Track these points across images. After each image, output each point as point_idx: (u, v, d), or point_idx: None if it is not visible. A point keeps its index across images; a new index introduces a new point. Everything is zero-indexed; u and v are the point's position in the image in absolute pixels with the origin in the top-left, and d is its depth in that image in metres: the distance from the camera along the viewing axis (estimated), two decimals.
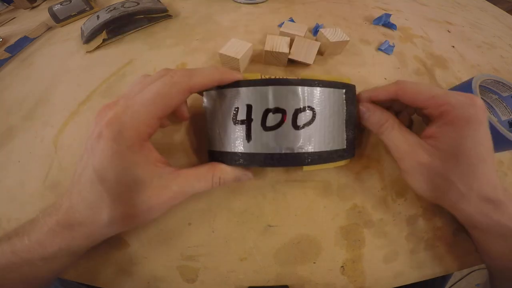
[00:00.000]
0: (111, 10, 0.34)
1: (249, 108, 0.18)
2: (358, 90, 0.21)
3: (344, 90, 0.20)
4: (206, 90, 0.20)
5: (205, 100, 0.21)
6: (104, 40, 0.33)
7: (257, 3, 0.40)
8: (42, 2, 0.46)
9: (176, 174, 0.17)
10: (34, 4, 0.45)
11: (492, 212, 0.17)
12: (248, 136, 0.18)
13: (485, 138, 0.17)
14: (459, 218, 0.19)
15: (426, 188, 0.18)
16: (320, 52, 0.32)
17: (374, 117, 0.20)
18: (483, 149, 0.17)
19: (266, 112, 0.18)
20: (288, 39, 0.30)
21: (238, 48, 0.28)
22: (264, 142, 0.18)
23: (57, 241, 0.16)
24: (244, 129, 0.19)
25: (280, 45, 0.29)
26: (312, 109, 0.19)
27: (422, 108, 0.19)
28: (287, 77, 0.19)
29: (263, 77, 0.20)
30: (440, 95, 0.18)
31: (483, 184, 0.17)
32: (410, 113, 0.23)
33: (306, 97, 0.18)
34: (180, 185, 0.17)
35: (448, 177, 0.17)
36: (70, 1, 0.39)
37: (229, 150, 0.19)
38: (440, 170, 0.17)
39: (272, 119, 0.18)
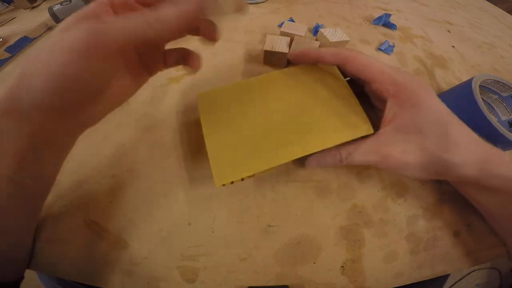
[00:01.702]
0: None
1: None
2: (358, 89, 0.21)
3: None
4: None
5: None
6: None
7: (257, 3, 0.40)
8: (42, 2, 0.46)
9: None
10: (34, 4, 0.45)
11: (491, 167, 0.17)
12: None
13: (442, 104, 0.18)
14: (466, 188, 0.20)
15: (427, 174, 0.19)
16: None
17: (343, 153, 0.20)
18: (448, 115, 0.18)
19: None
20: (288, 39, 0.30)
21: (280, 42, 0.29)
22: None
23: None
24: None
25: (280, 45, 0.29)
26: None
27: (369, 82, 0.20)
28: None
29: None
30: (389, 73, 0.19)
31: (469, 144, 0.17)
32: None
33: None
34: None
35: (439, 156, 0.17)
36: (70, 1, 0.39)
37: None
38: (430, 153, 0.17)
39: None
